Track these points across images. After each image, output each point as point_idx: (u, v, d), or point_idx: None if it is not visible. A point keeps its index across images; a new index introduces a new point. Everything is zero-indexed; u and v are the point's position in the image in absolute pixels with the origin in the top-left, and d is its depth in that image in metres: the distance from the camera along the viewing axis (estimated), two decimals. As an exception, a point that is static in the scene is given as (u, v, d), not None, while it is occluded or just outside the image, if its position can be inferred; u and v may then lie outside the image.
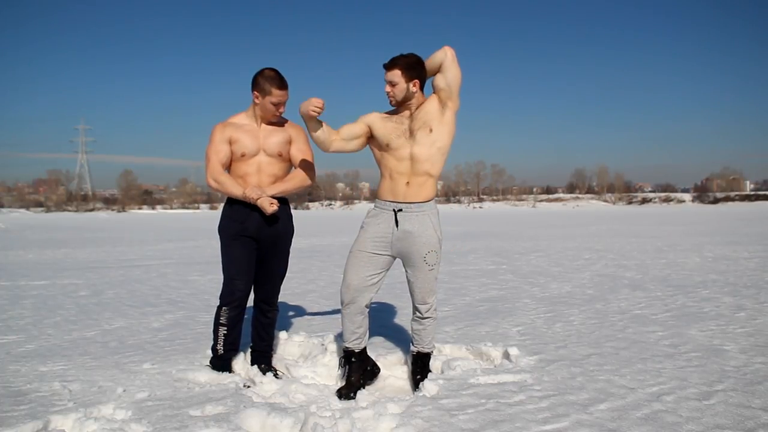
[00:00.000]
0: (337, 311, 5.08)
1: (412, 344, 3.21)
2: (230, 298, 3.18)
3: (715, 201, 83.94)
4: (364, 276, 3.02)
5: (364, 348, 3.15)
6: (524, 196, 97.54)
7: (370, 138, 3.05)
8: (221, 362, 3.23)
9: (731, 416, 2.50)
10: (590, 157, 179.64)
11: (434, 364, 3.30)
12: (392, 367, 3.38)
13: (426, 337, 3.18)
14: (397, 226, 2.97)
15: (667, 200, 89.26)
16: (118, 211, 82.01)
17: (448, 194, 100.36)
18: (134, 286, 7.02)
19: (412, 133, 2.97)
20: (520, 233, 18.56)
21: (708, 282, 6.57)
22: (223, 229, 3.25)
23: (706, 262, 8.68)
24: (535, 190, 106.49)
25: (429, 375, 3.13)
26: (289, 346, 3.73)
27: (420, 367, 3.18)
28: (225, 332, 3.21)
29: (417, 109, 3.00)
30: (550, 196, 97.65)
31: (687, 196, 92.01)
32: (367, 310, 3.09)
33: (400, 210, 2.97)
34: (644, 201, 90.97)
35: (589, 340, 3.85)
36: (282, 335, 3.82)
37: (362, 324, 3.09)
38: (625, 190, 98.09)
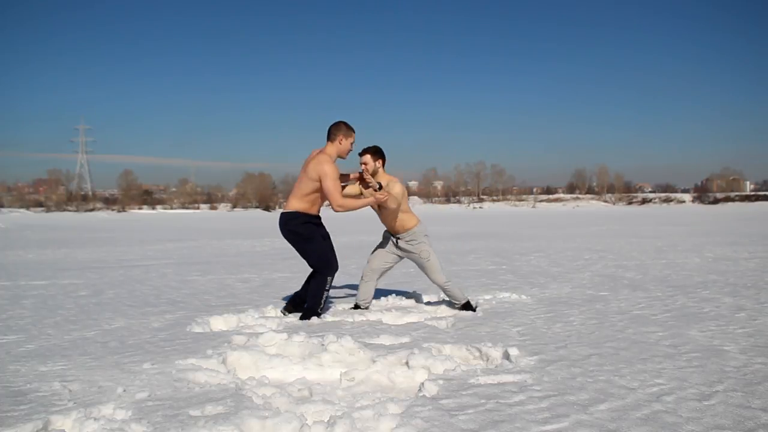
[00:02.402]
0: (337, 312, 5.08)
1: (454, 304, 5.11)
2: (333, 269, 4.76)
3: (715, 201, 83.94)
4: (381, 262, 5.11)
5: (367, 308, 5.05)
6: (524, 197, 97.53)
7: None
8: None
9: (731, 416, 2.50)
10: (590, 158, 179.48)
11: (434, 364, 3.31)
12: (392, 366, 3.38)
13: (455, 297, 5.03)
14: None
15: (668, 200, 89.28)
16: (119, 211, 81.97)
17: (448, 194, 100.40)
18: (134, 286, 7.02)
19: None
20: (520, 233, 18.56)
21: (708, 282, 6.56)
22: (310, 230, 4.71)
23: (706, 263, 8.67)
24: (535, 190, 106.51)
25: (429, 375, 3.16)
26: (290, 346, 3.72)
27: (464, 309, 5.02)
28: (327, 295, 4.76)
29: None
30: (550, 197, 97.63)
31: (687, 197, 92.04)
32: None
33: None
34: (644, 201, 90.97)
35: (589, 341, 3.85)
36: (281, 336, 3.83)
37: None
38: (625, 190, 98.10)
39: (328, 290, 4.74)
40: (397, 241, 4.99)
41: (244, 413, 2.55)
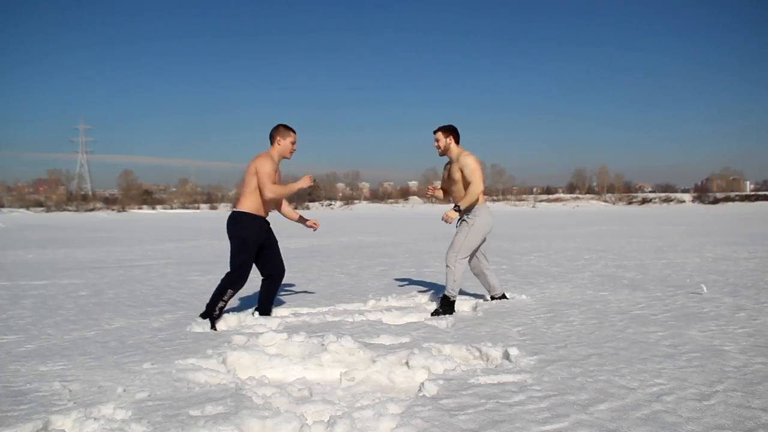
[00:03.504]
0: (337, 312, 5.08)
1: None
2: (239, 285, 4.66)
3: (716, 201, 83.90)
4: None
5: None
6: (524, 196, 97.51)
7: None
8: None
9: (731, 416, 2.50)
10: (590, 157, 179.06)
11: (434, 364, 3.31)
12: (392, 366, 3.38)
13: (447, 283, 4.99)
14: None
15: (667, 200, 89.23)
16: (118, 211, 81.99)
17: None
18: (134, 286, 7.02)
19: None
20: (519, 233, 18.56)
21: (708, 282, 6.56)
22: (248, 235, 4.68)
23: (707, 263, 8.67)
24: (535, 190, 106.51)
25: (429, 375, 3.16)
26: (289, 346, 3.73)
27: (443, 302, 4.99)
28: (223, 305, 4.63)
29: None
30: (550, 197, 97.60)
31: (687, 197, 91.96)
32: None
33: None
34: (644, 201, 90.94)
35: (589, 341, 3.85)
36: (281, 336, 3.83)
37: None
38: (625, 190, 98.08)
39: (226, 300, 4.62)
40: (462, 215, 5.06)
41: (244, 413, 2.55)
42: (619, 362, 3.31)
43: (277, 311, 5.12)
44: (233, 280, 4.62)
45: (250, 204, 4.69)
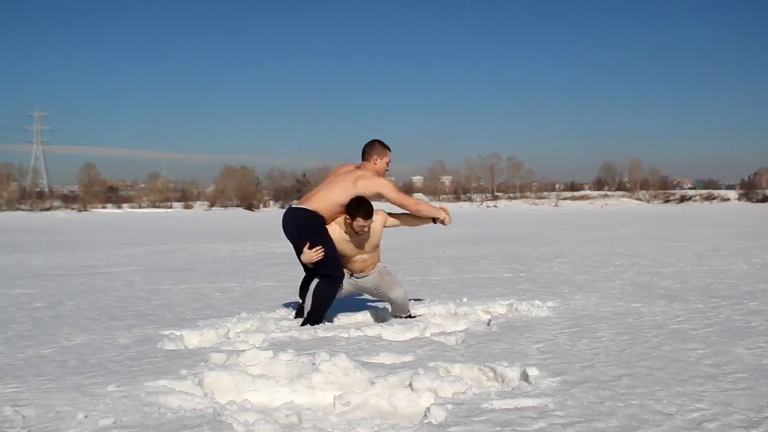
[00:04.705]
0: (330, 326, 5.08)
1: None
2: (342, 276, 5.16)
3: (764, 199, 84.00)
4: None
5: None
6: (545, 194, 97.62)
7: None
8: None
9: (783, 447, 2.50)
10: (621, 149, 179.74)
11: (442, 386, 3.31)
12: (394, 389, 3.39)
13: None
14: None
15: (710, 198, 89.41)
16: (79, 210, 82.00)
17: (458, 191, 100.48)
18: (97, 297, 7.02)
19: None
20: (540, 236, 18.58)
21: (756, 292, 6.57)
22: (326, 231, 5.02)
23: (755, 270, 8.68)
24: (557, 186, 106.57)
25: (436, 399, 3.17)
26: (275, 365, 3.72)
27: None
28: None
29: None
30: (575, 194, 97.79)
31: (732, 194, 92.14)
32: None
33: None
34: (683, 199, 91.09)
35: (620, 359, 3.85)
36: (266, 354, 3.83)
37: None
38: (661, 186, 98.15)
39: (332, 298, 5.06)
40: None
41: (224, 443, 2.55)
42: (654, 384, 3.31)
43: (261, 325, 5.12)
44: (333, 277, 5.04)
45: (326, 213, 4.99)
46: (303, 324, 4.99)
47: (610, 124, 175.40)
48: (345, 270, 5.15)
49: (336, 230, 5.05)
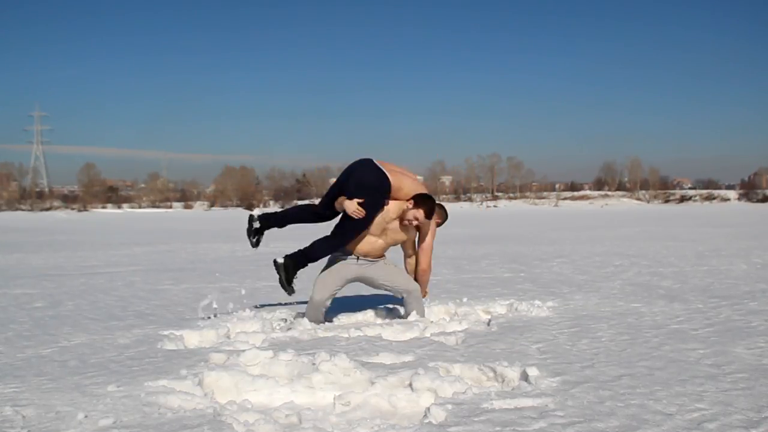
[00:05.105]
0: (330, 326, 5.08)
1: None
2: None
3: (765, 199, 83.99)
4: None
5: None
6: (545, 194, 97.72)
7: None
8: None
9: (783, 447, 2.50)
10: (621, 149, 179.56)
11: (442, 386, 3.31)
12: (394, 389, 3.39)
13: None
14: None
15: (710, 198, 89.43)
16: (79, 210, 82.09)
17: (458, 191, 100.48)
18: (97, 297, 7.02)
19: None
20: (540, 236, 18.58)
21: (756, 292, 6.57)
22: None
23: (755, 270, 8.69)
24: (557, 186, 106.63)
25: (435, 399, 3.17)
26: (275, 365, 3.73)
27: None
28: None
29: None
30: (575, 194, 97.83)
31: (732, 194, 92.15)
32: None
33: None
34: (683, 199, 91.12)
35: (620, 359, 3.85)
36: (266, 354, 3.83)
37: None
38: (661, 186, 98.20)
39: (322, 254, 5.25)
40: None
41: (224, 443, 2.55)
42: (654, 384, 3.31)
43: (261, 326, 5.12)
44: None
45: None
46: (256, 235, 5.64)
47: (610, 124, 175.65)
48: (353, 254, 5.16)
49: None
